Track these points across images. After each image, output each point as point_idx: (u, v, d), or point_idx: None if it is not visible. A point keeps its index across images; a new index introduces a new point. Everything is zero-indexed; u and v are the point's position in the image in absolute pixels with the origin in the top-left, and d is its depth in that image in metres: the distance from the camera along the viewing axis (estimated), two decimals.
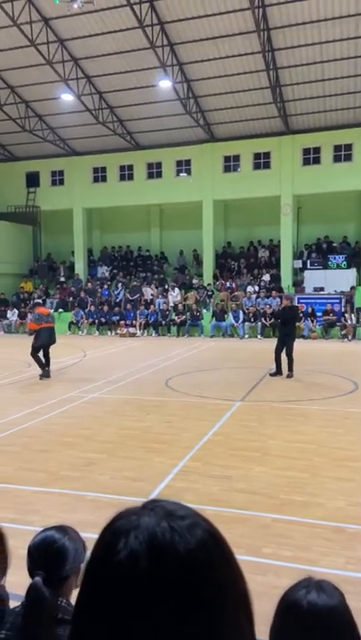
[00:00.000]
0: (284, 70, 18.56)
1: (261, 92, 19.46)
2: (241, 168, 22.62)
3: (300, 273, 21.86)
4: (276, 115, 20.45)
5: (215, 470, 5.45)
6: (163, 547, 0.56)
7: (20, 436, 6.83)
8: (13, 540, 1.64)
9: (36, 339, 10.86)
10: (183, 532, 0.58)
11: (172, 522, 0.58)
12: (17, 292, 23.84)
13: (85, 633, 0.58)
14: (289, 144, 21.67)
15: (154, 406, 8.42)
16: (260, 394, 9.40)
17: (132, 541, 0.57)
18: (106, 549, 0.58)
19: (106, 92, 20.39)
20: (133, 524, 0.58)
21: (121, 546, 0.57)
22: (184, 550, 0.57)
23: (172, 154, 23.24)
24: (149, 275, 23.77)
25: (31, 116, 21.72)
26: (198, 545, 0.58)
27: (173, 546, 0.56)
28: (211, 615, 0.56)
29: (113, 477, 5.27)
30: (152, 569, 0.55)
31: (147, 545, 0.56)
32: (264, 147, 22.09)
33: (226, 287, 21.83)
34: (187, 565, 0.56)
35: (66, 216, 24.61)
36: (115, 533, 0.59)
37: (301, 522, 4.27)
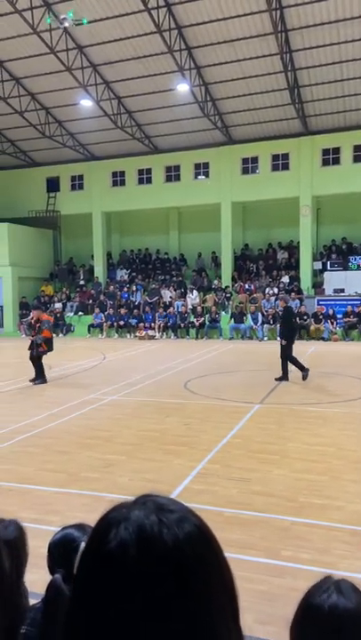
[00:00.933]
0: (302, 71, 18.46)
1: (280, 94, 19.39)
2: (259, 170, 22.55)
3: (319, 274, 21.66)
4: (294, 116, 20.35)
5: (234, 473, 5.44)
6: (151, 538, 0.59)
7: (41, 437, 6.91)
8: (34, 540, 1.68)
9: (46, 346, 10.87)
10: (172, 524, 0.60)
11: (161, 515, 0.61)
12: (38, 296, 24.15)
13: (77, 619, 0.60)
14: (308, 145, 21.53)
15: (173, 409, 8.44)
16: (280, 396, 9.35)
17: (123, 532, 0.59)
18: (98, 539, 0.61)
19: (124, 96, 20.57)
20: (124, 515, 0.61)
21: (112, 536, 0.59)
22: (172, 542, 0.59)
23: (190, 157, 23.30)
24: (168, 277, 23.84)
25: (51, 122, 22.03)
26: (186, 538, 0.60)
27: (161, 537, 0.59)
28: (196, 606, 0.58)
29: (132, 479, 5.30)
30: (140, 559, 0.57)
31: (136, 536, 0.59)
32: (282, 148, 21.99)
33: (245, 289, 21.77)
34: (174, 557, 0.58)
35: (85, 220, 24.87)
36: (107, 525, 0.61)
37: (320, 525, 4.25)
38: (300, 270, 22.05)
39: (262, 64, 18.17)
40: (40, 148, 24.09)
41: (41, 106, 21.37)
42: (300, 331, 19.26)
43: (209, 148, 22.87)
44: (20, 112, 20.90)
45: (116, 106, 20.74)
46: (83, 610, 0.60)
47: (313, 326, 19.15)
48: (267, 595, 3.17)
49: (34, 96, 20.88)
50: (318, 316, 19.25)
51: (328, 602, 1.02)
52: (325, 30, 16.61)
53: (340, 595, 1.03)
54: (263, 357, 14.73)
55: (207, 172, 23.37)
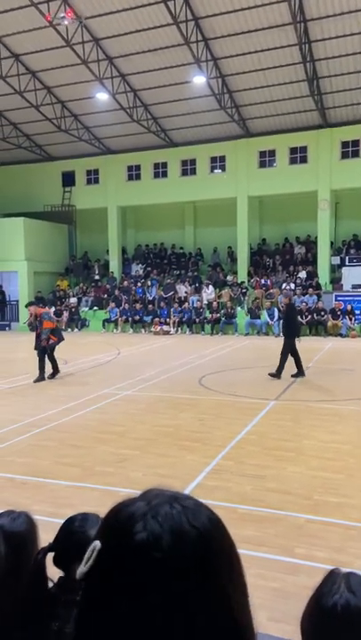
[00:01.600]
0: (321, 62, 18.09)
1: (298, 85, 19.04)
2: (277, 163, 22.22)
3: (337, 270, 21.31)
4: (313, 108, 19.98)
5: (248, 469, 5.39)
6: (181, 525, 0.60)
7: (56, 431, 6.93)
8: (47, 534, 1.67)
9: (54, 337, 10.57)
10: (195, 510, 0.62)
11: (182, 503, 0.62)
12: (53, 290, 24.21)
13: (103, 613, 0.59)
14: (327, 137, 21.14)
15: (187, 404, 8.39)
16: (295, 393, 9.24)
17: (151, 522, 0.59)
18: (123, 533, 0.60)
19: (140, 89, 20.40)
20: (146, 507, 0.61)
21: (139, 528, 0.59)
22: (201, 527, 0.61)
23: (206, 150, 23.06)
24: (183, 272, 23.69)
25: (67, 115, 21.97)
26: (210, 522, 0.62)
27: (190, 524, 0.60)
28: (227, 585, 0.61)
29: (146, 474, 5.29)
30: (173, 547, 0.58)
31: (167, 525, 0.59)
32: (300, 141, 21.63)
33: (261, 284, 21.51)
34: (205, 540, 0.60)
35: (100, 214, 24.81)
36: (130, 518, 0.60)
37: (336, 523, 4.18)
38: (318, 265, 21.70)
39: (280, 55, 17.84)
40: (56, 142, 24.07)
41: (57, 99, 21.32)
42: (317, 327, 19.02)
43: (225, 141, 22.60)
44: (36, 106, 20.86)
45: (131, 99, 20.59)
46: (103, 605, 0.59)
47: (331, 322, 18.85)
48: (281, 592, 3.14)
49: (50, 90, 20.82)
50: (336, 311, 18.92)
51: (340, 602, 0.99)
52: (345, 20, 16.22)
53: (350, 593, 1.01)
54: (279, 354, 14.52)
55: (223, 165, 23.10)
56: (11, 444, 6.41)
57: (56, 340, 10.66)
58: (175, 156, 23.64)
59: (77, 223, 25.87)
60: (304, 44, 16.96)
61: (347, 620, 0.98)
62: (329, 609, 1.00)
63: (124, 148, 24.17)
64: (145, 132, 22.26)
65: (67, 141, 23.66)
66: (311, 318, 19.06)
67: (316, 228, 21.82)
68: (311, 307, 19.35)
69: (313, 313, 19.10)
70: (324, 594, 1.03)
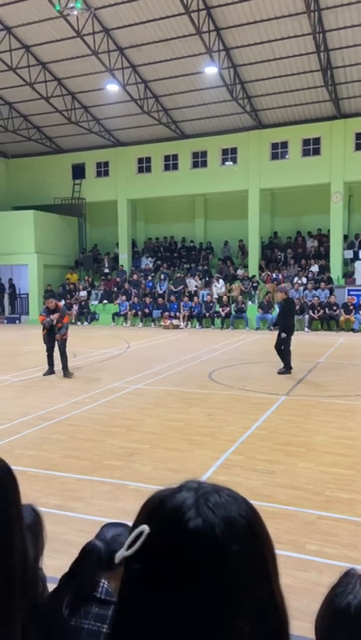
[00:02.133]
0: (335, 52, 17.75)
1: (311, 76, 18.72)
2: (289, 155, 21.90)
3: (350, 264, 21.01)
4: (326, 98, 19.64)
5: (258, 465, 5.35)
6: (232, 513, 0.62)
7: (65, 424, 6.94)
8: (57, 526, 1.74)
9: (66, 332, 10.47)
10: (237, 500, 0.65)
11: (226, 492, 0.65)
12: (63, 284, 24.18)
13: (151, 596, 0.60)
14: (340, 129, 20.78)
15: (197, 399, 8.34)
16: (306, 388, 9.13)
17: (205, 510, 0.61)
18: (174, 520, 0.61)
19: (151, 80, 20.19)
20: (193, 498, 0.63)
21: (192, 515, 0.61)
22: (246, 515, 0.64)
23: (217, 142, 22.80)
24: (193, 266, 23.52)
25: (77, 107, 21.83)
26: (251, 510, 0.65)
27: (238, 512, 0.63)
28: (272, 571, 0.64)
29: (155, 468, 5.28)
30: (228, 532, 0.60)
31: (219, 512, 0.61)
32: (314, 132, 21.29)
33: (272, 278, 21.29)
34: (252, 527, 0.63)
35: (110, 207, 24.69)
36: (180, 507, 0.62)
37: (347, 519, 4.13)
38: (330, 259, 21.41)
39: (294, 45, 17.53)
40: (66, 134, 23.96)
41: (67, 91, 21.18)
42: (329, 322, 18.79)
43: (237, 132, 22.32)
44: (46, 98, 20.74)
45: (142, 90, 20.39)
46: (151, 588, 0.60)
47: (343, 317, 18.60)
48: (291, 589, 3.08)
49: (60, 81, 20.68)
50: (349, 306, 18.67)
51: (354, 602, 0.98)
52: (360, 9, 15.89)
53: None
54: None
55: (235, 157, 22.83)
56: (20, 436, 6.42)
57: (67, 335, 10.59)
58: (186, 148, 23.41)
59: (87, 216, 25.78)
60: (318, 34, 16.64)
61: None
62: (343, 609, 0.99)
63: (134, 140, 23.99)
64: (155, 124, 22.06)
65: (77, 133, 23.53)
66: (323, 313, 18.82)
67: (328, 221, 21.51)
68: (323, 301, 19.11)
69: (325, 308, 18.86)
70: (338, 594, 1.02)
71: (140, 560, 0.62)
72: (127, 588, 0.64)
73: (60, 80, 20.66)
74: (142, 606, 0.62)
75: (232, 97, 19.55)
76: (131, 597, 0.63)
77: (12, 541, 0.91)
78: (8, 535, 0.91)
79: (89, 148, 24.82)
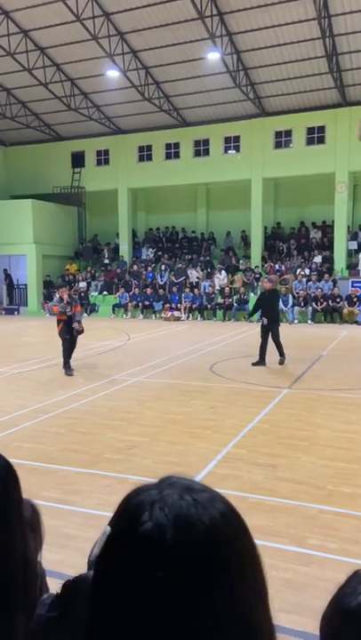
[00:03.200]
0: (341, 37, 17.35)
1: (316, 62, 18.32)
2: (293, 144, 21.53)
3: (354, 255, 20.72)
4: (332, 86, 19.25)
5: (260, 458, 5.31)
6: (189, 517, 0.58)
7: (64, 417, 6.87)
8: (56, 520, 1.64)
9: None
10: (206, 503, 0.60)
11: (193, 495, 0.60)
12: (62, 274, 23.90)
13: (107, 603, 0.58)
14: (346, 117, 20.39)
15: (198, 391, 8.29)
16: (309, 381, 9.04)
17: (157, 513, 0.58)
18: (130, 521, 0.59)
19: (152, 66, 19.78)
20: (156, 497, 0.60)
21: (145, 518, 0.58)
22: (209, 521, 0.58)
23: (220, 130, 22.41)
24: (195, 257, 23.22)
25: (76, 94, 21.43)
26: (221, 517, 0.60)
27: (198, 517, 0.58)
28: (236, 584, 0.58)
29: (155, 461, 5.24)
30: (178, 539, 0.56)
31: (172, 516, 0.58)
32: (318, 120, 20.90)
33: (275, 270, 21.00)
34: (212, 536, 0.58)
35: (111, 197, 24.34)
36: (138, 506, 0.59)
37: (349, 514, 4.11)
38: (334, 250, 21.11)
39: (298, 30, 17.13)
40: (65, 121, 23.57)
41: (66, 77, 20.77)
42: (332, 314, 18.54)
43: (240, 120, 21.93)
44: (45, 84, 20.35)
45: (143, 76, 19.98)
46: (115, 595, 0.58)
47: (346, 309, 18.34)
48: (292, 583, 3.08)
49: (59, 67, 20.27)
50: (352, 298, 18.41)
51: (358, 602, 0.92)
52: None
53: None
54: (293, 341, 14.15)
55: (238, 146, 22.45)
56: (19, 429, 6.44)
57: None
58: (188, 135, 23.01)
59: (87, 205, 25.42)
60: (323, 19, 16.23)
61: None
62: (352, 610, 0.93)
63: (135, 128, 23.60)
64: (157, 111, 21.67)
65: (76, 121, 23.14)
66: (326, 305, 18.57)
67: (332, 211, 21.18)
68: (327, 293, 18.85)
69: (328, 299, 18.60)
70: (346, 594, 0.96)
71: (103, 562, 0.61)
72: (92, 591, 0.62)
73: (59, 65, 20.24)
74: (105, 610, 0.59)
75: (235, 84, 19.15)
76: (95, 602, 0.61)
77: (12, 541, 0.90)
78: (8, 535, 0.89)
79: (89, 136, 24.42)
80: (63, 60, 19.97)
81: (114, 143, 24.26)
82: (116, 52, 18.47)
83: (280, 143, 21.78)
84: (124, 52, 18.68)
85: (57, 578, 1.46)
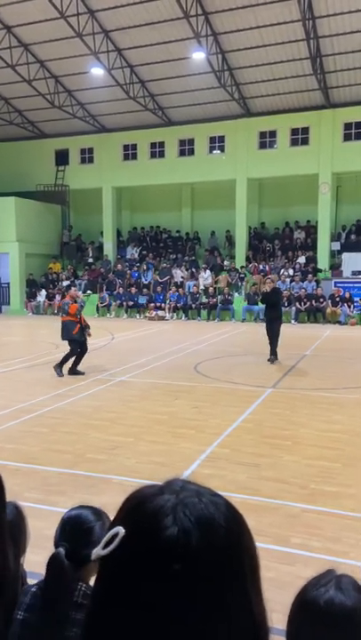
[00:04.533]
0: (325, 39, 17.49)
1: (301, 63, 18.45)
2: (277, 144, 21.65)
3: (337, 255, 20.92)
4: (316, 87, 19.40)
5: (244, 458, 5.33)
6: (210, 520, 0.60)
7: (47, 417, 6.82)
8: (38, 521, 1.61)
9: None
10: (219, 506, 0.62)
11: (205, 498, 0.63)
12: (45, 273, 23.69)
13: (118, 605, 0.59)
14: (329, 118, 20.58)
15: (182, 391, 8.28)
16: (293, 381, 9.10)
17: (182, 517, 0.59)
18: (152, 526, 0.59)
19: (137, 65, 19.71)
20: (175, 500, 0.61)
21: (169, 522, 0.59)
22: (225, 522, 0.61)
23: (205, 130, 22.43)
24: (180, 256, 23.21)
25: (60, 91, 21.25)
26: (232, 516, 0.63)
27: (217, 519, 0.61)
28: (248, 579, 0.62)
29: (139, 461, 5.23)
30: (204, 541, 0.58)
31: (195, 520, 0.59)
32: (302, 121, 21.05)
33: (259, 270, 21.10)
34: (231, 535, 0.61)
35: (95, 195, 24.19)
36: (159, 511, 0.60)
37: (332, 512, 4.15)
38: (318, 251, 21.29)
39: (283, 31, 17.22)
40: (49, 118, 23.35)
41: (50, 74, 20.58)
42: (315, 314, 18.69)
43: (225, 120, 21.97)
44: (29, 80, 20.12)
45: (128, 75, 19.90)
46: (122, 591, 0.59)
47: (329, 309, 18.51)
48: (275, 582, 3.07)
49: (43, 63, 20.08)
50: (335, 298, 18.58)
51: (324, 597, 1.00)
52: None
53: (338, 591, 1.01)
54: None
55: (223, 146, 22.50)
56: (2, 429, 6.40)
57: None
58: (173, 135, 22.99)
59: (71, 204, 25.22)
60: (308, 20, 16.34)
61: (329, 615, 0.98)
62: (313, 601, 1.00)
63: (119, 127, 23.48)
64: (142, 110, 21.60)
65: (60, 118, 22.93)
66: (310, 305, 18.71)
67: (316, 212, 21.36)
68: (310, 293, 19.00)
69: (312, 300, 18.75)
70: (311, 586, 1.03)
71: (114, 562, 0.61)
72: (100, 588, 0.63)
73: (43, 62, 20.05)
74: (114, 608, 0.60)
75: (220, 84, 19.18)
76: (102, 598, 0.61)
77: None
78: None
79: (73, 134, 24.23)
80: (47, 57, 19.79)
81: (98, 141, 24.11)
82: (101, 50, 18.37)
83: (265, 144, 21.88)
84: (108, 49, 18.58)
85: (38, 579, 1.46)
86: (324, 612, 0.99)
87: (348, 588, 1.02)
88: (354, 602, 1.00)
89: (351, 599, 1.00)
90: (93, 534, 1.54)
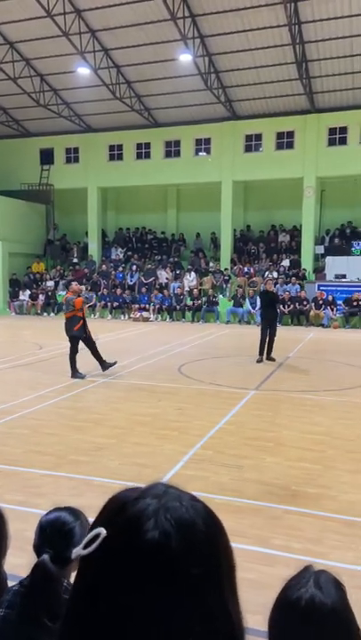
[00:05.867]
0: (311, 45, 17.65)
1: (287, 68, 18.59)
2: (263, 148, 21.78)
3: (321, 259, 21.10)
4: (301, 92, 19.56)
5: (227, 459, 5.34)
6: (190, 525, 0.61)
7: (29, 418, 6.76)
8: (19, 523, 1.59)
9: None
10: (199, 510, 0.63)
11: (186, 502, 0.63)
12: (28, 273, 23.48)
13: (104, 610, 0.59)
14: (314, 123, 20.77)
15: (166, 393, 8.25)
16: (276, 383, 9.12)
17: (163, 522, 0.60)
18: (132, 529, 0.60)
19: (124, 65, 19.67)
20: (157, 505, 0.61)
21: (150, 526, 0.59)
22: (205, 527, 0.62)
23: (191, 132, 22.47)
24: (165, 257, 23.19)
25: (46, 90, 21.10)
26: (212, 521, 0.63)
27: (197, 524, 0.61)
28: (224, 581, 0.62)
29: (122, 463, 5.20)
30: (184, 545, 0.59)
31: (176, 524, 0.60)
32: (288, 125, 21.22)
33: (244, 272, 21.19)
34: (210, 540, 0.62)
35: (80, 195, 24.05)
36: (141, 514, 0.61)
37: (313, 514, 4.16)
38: (302, 254, 21.45)
39: (270, 35, 17.35)
40: (34, 117, 23.16)
41: (36, 72, 20.42)
42: (299, 317, 18.83)
43: (211, 123, 22.03)
44: (14, 78, 19.95)
45: (114, 75, 19.84)
46: (109, 599, 0.59)
47: (313, 312, 18.66)
48: (256, 584, 3.03)
49: (28, 62, 19.92)
50: (318, 301, 18.74)
51: (305, 597, 1.00)
52: (337, 1, 15.79)
53: (318, 589, 1.01)
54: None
55: (208, 148, 22.55)
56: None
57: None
58: (159, 136, 22.98)
59: (56, 203, 25.04)
60: (294, 25, 16.49)
61: (309, 615, 0.98)
62: (293, 602, 1.00)
63: (105, 127, 23.40)
64: (128, 111, 21.55)
65: (46, 117, 22.76)
66: (293, 307, 18.85)
67: (301, 215, 21.52)
68: (294, 296, 19.14)
69: (295, 302, 18.88)
70: (291, 586, 1.03)
71: (95, 562, 0.61)
72: (79, 587, 0.63)
73: (29, 61, 19.89)
74: (92, 607, 0.60)
75: (206, 86, 19.24)
76: (81, 596, 0.61)
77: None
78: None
79: (58, 133, 24.08)
80: (33, 56, 19.63)
81: (84, 141, 23.99)
82: (87, 50, 18.29)
83: (250, 147, 21.99)
84: (95, 49, 18.51)
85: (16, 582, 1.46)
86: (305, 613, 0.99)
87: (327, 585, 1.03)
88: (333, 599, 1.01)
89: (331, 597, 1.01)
90: (74, 535, 1.53)
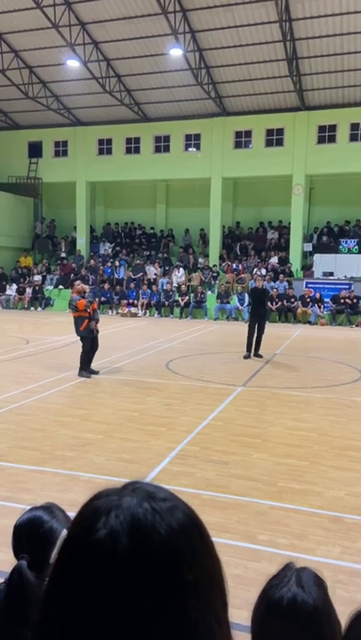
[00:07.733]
0: (301, 42, 17.67)
1: (277, 65, 18.59)
2: (252, 144, 21.78)
3: (309, 256, 21.20)
4: (291, 89, 19.58)
5: (213, 455, 5.37)
6: (144, 527, 0.55)
7: (15, 413, 6.73)
8: (4, 519, 1.63)
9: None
10: (165, 513, 0.57)
11: (153, 503, 0.57)
12: (15, 267, 23.26)
13: (57, 612, 0.56)
14: (304, 120, 20.81)
15: (153, 388, 8.28)
16: (263, 380, 9.17)
17: (113, 520, 0.56)
18: (85, 528, 0.57)
19: (114, 59, 19.52)
20: (114, 503, 0.57)
21: (100, 525, 0.56)
22: (165, 532, 0.56)
23: (181, 127, 22.38)
24: (153, 253, 23.12)
25: (35, 82, 20.87)
26: (180, 527, 0.57)
27: (155, 527, 0.55)
28: (188, 598, 0.55)
29: (109, 459, 5.19)
30: (133, 549, 0.54)
31: (128, 525, 0.55)
32: (277, 123, 21.23)
33: (232, 269, 21.21)
34: (168, 546, 0.55)
35: (68, 189, 23.86)
36: (95, 512, 0.57)
37: (299, 510, 4.20)
38: (290, 252, 21.52)
39: (260, 32, 17.33)
40: (22, 109, 22.92)
41: (24, 64, 20.19)
42: (286, 314, 18.91)
43: (201, 118, 21.98)
44: (2, 70, 19.71)
45: (104, 68, 19.68)
46: (61, 601, 0.56)
47: (300, 309, 18.75)
48: (242, 579, 3.08)
49: (17, 53, 19.68)
50: (306, 299, 18.83)
51: (287, 595, 1.00)
52: None
53: (299, 588, 1.01)
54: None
55: (198, 144, 22.49)
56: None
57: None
58: (149, 131, 22.86)
59: (43, 197, 24.83)
60: (284, 22, 16.48)
61: (291, 614, 0.98)
62: (276, 601, 1.00)
63: (95, 120, 23.23)
64: (117, 105, 21.41)
65: (34, 110, 22.54)
66: (281, 305, 18.92)
67: (289, 213, 21.57)
68: (282, 293, 19.21)
69: (283, 299, 18.96)
70: (273, 585, 1.03)
71: (56, 565, 0.58)
72: (45, 591, 0.59)
73: (18, 52, 19.66)
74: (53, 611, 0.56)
75: (197, 81, 19.17)
76: (45, 601, 0.58)
77: None
78: None
79: (47, 126, 23.85)
80: (22, 47, 19.41)
81: (73, 134, 23.79)
82: (77, 42, 18.12)
83: (240, 143, 21.98)
84: (85, 42, 18.35)
85: (4, 577, 1.45)
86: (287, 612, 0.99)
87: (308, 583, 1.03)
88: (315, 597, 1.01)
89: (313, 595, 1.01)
90: (51, 534, 1.47)
